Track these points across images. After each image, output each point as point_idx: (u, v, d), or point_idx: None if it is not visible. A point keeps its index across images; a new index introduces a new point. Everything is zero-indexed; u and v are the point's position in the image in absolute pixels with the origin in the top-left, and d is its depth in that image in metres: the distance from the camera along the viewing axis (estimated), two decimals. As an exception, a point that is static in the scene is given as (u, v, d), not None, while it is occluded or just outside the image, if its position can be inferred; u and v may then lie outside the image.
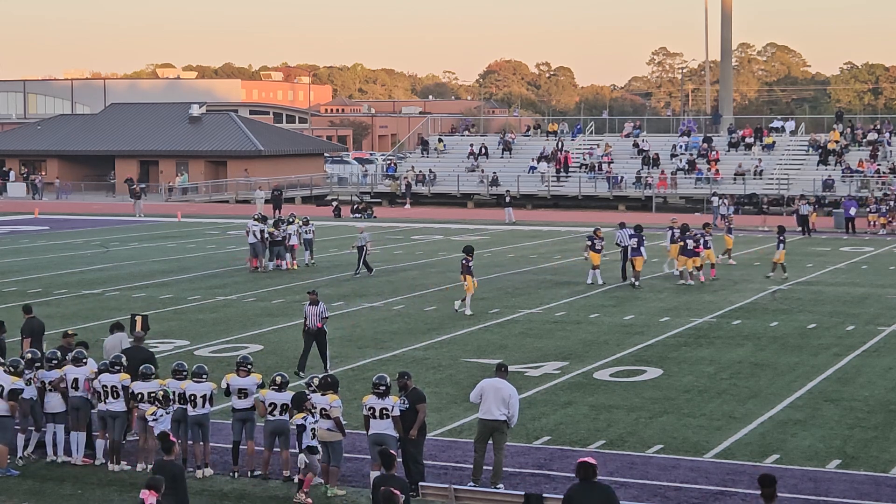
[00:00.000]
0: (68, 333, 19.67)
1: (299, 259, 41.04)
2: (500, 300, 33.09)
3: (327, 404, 16.22)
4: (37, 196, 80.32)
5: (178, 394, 17.05)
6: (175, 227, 58.11)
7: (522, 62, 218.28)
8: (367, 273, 38.12)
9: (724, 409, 20.54)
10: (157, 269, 40.89)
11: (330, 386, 16.46)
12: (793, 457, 17.67)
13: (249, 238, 40.13)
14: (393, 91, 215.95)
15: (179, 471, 13.68)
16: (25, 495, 16.29)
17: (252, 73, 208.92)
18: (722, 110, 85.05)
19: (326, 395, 16.32)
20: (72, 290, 35.43)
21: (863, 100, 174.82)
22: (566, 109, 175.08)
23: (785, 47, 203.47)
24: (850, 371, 23.69)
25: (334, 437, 16.20)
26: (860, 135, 72.62)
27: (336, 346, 25.99)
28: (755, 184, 68.69)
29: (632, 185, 71.36)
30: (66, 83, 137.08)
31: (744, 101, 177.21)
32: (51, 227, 58.54)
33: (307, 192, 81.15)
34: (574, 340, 27.03)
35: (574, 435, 18.90)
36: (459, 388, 21.85)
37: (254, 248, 40.00)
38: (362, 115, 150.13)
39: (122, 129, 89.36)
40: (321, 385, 16.53)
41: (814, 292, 34.69)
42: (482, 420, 16.48)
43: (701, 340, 26.97)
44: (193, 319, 30.14)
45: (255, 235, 39.73)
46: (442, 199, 75.12)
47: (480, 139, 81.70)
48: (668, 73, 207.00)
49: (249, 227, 40.07)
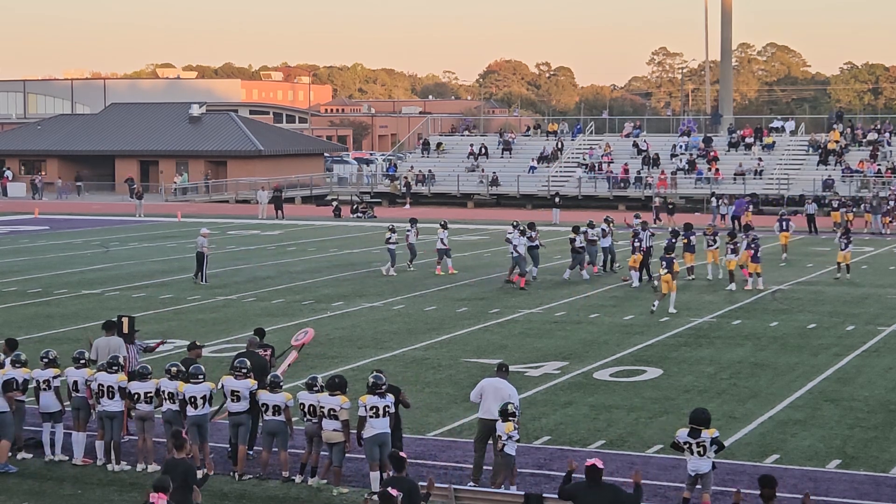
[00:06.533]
0: (196, 345, 18.75)
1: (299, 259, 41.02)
2: (500, 300, 33.09)
3: (337, 405, 16.18)
4: (37, 196, 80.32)
5: (169, 393, 17.06)
6: (175, 227, 58.10)
7: (522, 62, 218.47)
8: (202, 281, 36.52)
9: (724, 409, 20.53)
10: (157, 269, 40.89)
11: (338, 387, 16.39)
12: (793, 457, 17.67)
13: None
14: (393, 91, 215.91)
15: (190, 469, 13.58)
16: (25, 495, 16.28)
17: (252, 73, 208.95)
18: (722, 110, 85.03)
19: (336, 396, 16.27)
20: (72, 290, 35.42)
21: (863, 100, 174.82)
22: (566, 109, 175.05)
23: (785, 47, 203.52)
24: (850, 371, 23.69)
25: (340, 439, 16.20)
26: (860, 135, 72.63)
27: (336, 346, 26.02)
28: (755, 184, 68.70)
29: (632, 185, 71.39)
30: (66, 83, 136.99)
31: (744, 101, 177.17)
32: (51, 227, 58.54)
33: (307, 192, 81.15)
34: (574, 340, 27.02)
35: (574, 435, 18.89)
36: (459, 388, 21.84)
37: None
38: (362, 115, 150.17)
39: (122, 129, 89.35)
40: (329, 385, 16.46)
41: (814, 292, 34.69)
42: (482, 420, 16.49)
43: (701, 340, 26.97)
44: (193, 319, 30.13)
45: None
46: (442, 199, 75.12)
47: (480, 139, 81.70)
48: (668, 73, 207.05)
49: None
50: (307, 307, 31.71)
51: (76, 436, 17.67)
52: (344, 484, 16.37)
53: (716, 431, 14.81)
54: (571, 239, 37.32)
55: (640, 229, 36.77)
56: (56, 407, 17.82)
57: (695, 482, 14.76)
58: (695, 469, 14.68)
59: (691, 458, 14.70)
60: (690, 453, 14.66)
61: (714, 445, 14.67)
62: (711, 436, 14.63)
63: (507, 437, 15.66)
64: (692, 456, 14.66)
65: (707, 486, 14.72)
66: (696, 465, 14.68)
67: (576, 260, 37.15)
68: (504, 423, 15.68)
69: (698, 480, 14.73)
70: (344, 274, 38.94)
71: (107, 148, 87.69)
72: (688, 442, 14.67)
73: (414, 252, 40.12)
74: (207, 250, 37.05)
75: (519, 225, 37.28)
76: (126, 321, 19.94)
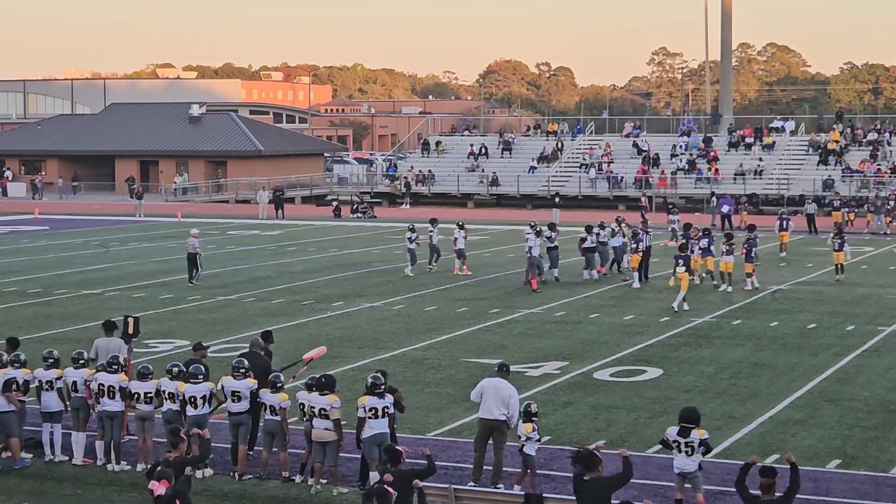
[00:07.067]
0: (202, 346, 18.63)
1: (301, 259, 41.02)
2: (500, 300, 33.09)
3: (328, 405, 16.19)
4: (37, 196, 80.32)
5: (170, 394, 17.06)
6: (175, 227, 58.09)
7: (522, 62, 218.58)
8: (195, 282, 36.27)
9: (724, 409, 20.53)
10: (157, 269, 40.88)
11: (327, 386, 16.40)
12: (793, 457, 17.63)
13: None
14: (393, 91, 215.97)
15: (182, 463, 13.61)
16: (25, 495, 16.28)
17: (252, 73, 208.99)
18: (722, 110, 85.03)
19: (326, 396, 16.29)
20: (72, 290, 35.42)
21: (863, 100, 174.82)
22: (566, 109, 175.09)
23: (785, 47, 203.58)
24: (850, 371, 23.69)
25: (332, 438, 16.20)
26: (860, 135, 72.63)
27: (336, 346, 26.01)
28: (755, 184, 68.70)
29: (632, 185, 71.37)
30: (66, 83, 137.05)
31: (744, 101, 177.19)
32: (51, 227, 58.55)
33: (307, 192, 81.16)
34: (574, 340, 27.03)
35: (574, 435, 18.88)
36: (459, 388, 21.84)
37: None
38: (362, 115, 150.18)
39: (122, 129, 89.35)
40: (318, 385, 16.46)
41: (814, 292, 34.69)
42: (482, 420, 16.48)
43: (701, 340, 26.97)
44: (193, 319, 30.13)
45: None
46: (442, 199, 75.12)
47: (480, 139, 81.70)
48: (668, 73, 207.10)
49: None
50: (307, 307, 31.70)
51: (76, 436, 17.67)
52: (343, 484, 16.37)
53: (706, 433, 14.83)
54: (582, 238, 37.23)
55: (639, 230, 36.79)
56: (57, 407, 17.83)
57: (683, 481, 14.78)
58: (680, 468, 14.70)
59: (678, 457, 14.72)
60: (678, 451, 14.68)
61: (702, 447, 14.69)
62: (701, 437, 14.64)
63: (526, 438, 15.69)
64: (679, 454, 14.68)
65: (698, 486, 14.73)
66: (682, 463, 14.69)
67: (588, 260, 37.06)
68: (525, 423, 15.71)
69: (686, 479, 14.75)
70: (344, 274, 38.94)
71: (107, 148, 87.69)
72: (676, 441, 14.68)
73: (437, 252, 39.99)
74: (200, 250, 36.95)
75: (536, 226, 37.20)
76: (132, 321, 19.94)
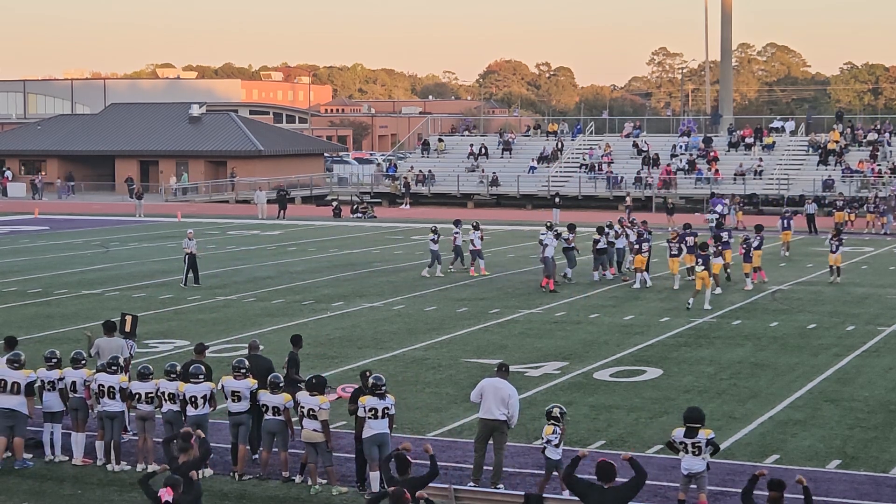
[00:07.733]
0: (203, 346, 18.51)
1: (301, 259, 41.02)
2: (500, 300, 33.09)
3: (316, 405, 16.18)
4: (37, 196, 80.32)
5: (170, 394, 17.05)
6: (175, 227, 58.08)
7: (522, 62, 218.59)
8: (193, 283, 36.05)
9: (724, 409, 20.53)
10: (157, 269, 40.87)
11: (317, 387, 16.40)
12: (793, 457, 17.67)
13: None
14: (393, 91, 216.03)
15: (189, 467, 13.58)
16: (25, 495, 16.28)
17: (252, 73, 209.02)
18: (722, 110, 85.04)
19: (315, 396, 16.27)
20: (72, 290, 35.42)
21: (863, 100, 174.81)
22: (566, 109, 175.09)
23: (785, 47, 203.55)
24: (850, 371, 23.69)
25: (319, 438, 16.20)
26: (860, 135, 72.62)
27: (336, 346, 26.02)
28: (755, 184, 68.70)
29: (632, 185, 71.38)
30: (66, 83, 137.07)
31: (744, 101, 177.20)
32: (51, 227, 58.54)
33: (307, 192, 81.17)
34: (574, 340, 27.03)
35: (574, 435, 18.86)
36: (459, 388, 21.84)
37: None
38: (362, 115, 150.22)
39: (122, 129, 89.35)
40: (308, 386, 16.46)
41: (814, 292, 34.69)
42: (482, 420, 16.48)
43: (701, 340, 26.97)
44: (193, 319, 30.13)
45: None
46: (442, 199, 75.12)
47: (480, 139, 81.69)
48: (668, 73, 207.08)
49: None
50: (307, 307, 31.70)
51: (76, 436, 17.67)
52: (343, 483, 16.38)
53: (712, 432, 14.81)
54: (595, 240, 37.10)
55: (644, 230, 36.73)
56: (58, 407, 17.83)
57: (689, 482, 14.75)
58: (688, 468, 14.67)
59: (685, 458, 14.69)
60: (686, 452, 14.66)
61: (710, 447, 14.67)
62: (708, 436, 14.63)
63: (546, 441, 15.64)
64: (687, 455, 14.66)
65: (703, 486, 14.71)
66: (690, 463, 14.66)
67: (598, 261, 36.99)
68: (547, 425, 15.71)
69: (692, 480, 14.72)
70: (344, 274, 38.93)
71: (107, 148, 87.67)
72: (683, 442, 14.66)
73: (460, 254, 39.91)
74: (196, 250, 36.83)
75: (552, 226, 37.11)
76: (129, 319, 19.91)
